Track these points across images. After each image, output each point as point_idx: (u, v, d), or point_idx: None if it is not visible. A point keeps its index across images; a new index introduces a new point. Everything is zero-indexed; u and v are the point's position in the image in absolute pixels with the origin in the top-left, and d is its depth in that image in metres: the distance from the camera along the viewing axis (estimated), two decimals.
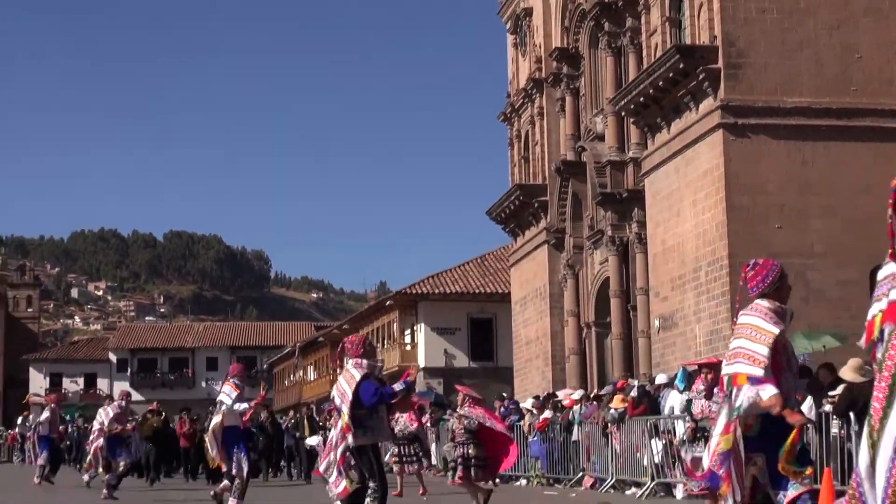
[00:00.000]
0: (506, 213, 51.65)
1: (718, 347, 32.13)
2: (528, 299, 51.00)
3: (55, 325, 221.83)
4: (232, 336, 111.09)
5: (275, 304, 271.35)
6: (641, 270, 39.14)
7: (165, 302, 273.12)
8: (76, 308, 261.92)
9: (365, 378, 11.84)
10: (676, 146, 34.97)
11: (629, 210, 40.31)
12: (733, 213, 32.21)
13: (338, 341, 57.99)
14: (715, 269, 32.63)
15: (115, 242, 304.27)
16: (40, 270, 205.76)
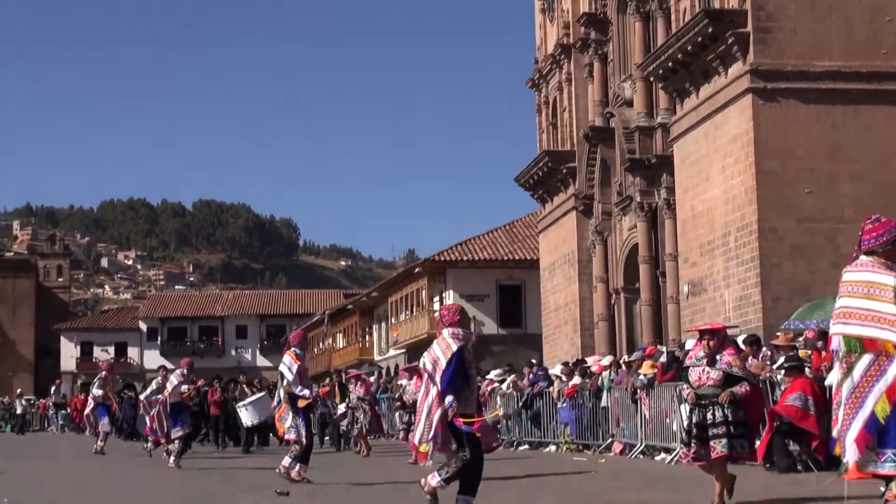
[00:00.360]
0: (534, 179, 51.52)
1: (748, 313, 32.06)
2: (556, 266, 50.93)
3: (85, 295, 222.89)
4: (261, 304, 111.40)
5: (303, 272, 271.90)
6: (670, 236, 39.01)
7: (195, 271, 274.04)
8: (106, 277, 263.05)
9: (461, 350, 11.68)
10: (705, 111, 34.78)
11: (658, 176, 40.16)
12: (763, 177, 32.04)
13: (366, 309, 59.00)
14: (744, 235, 32.49)
15: (145, 211, 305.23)
16: (70, 240, 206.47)
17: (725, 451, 12.11)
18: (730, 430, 12.16)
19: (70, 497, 15.09)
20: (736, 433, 12.24)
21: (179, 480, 18.72)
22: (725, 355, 12.46)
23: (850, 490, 10.93)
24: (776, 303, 31.29)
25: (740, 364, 12.69)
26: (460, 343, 11.72)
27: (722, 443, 12.10)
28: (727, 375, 12.29)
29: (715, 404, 12.18)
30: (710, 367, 12.35)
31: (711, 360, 12.39)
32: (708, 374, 12.29)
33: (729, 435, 12.14)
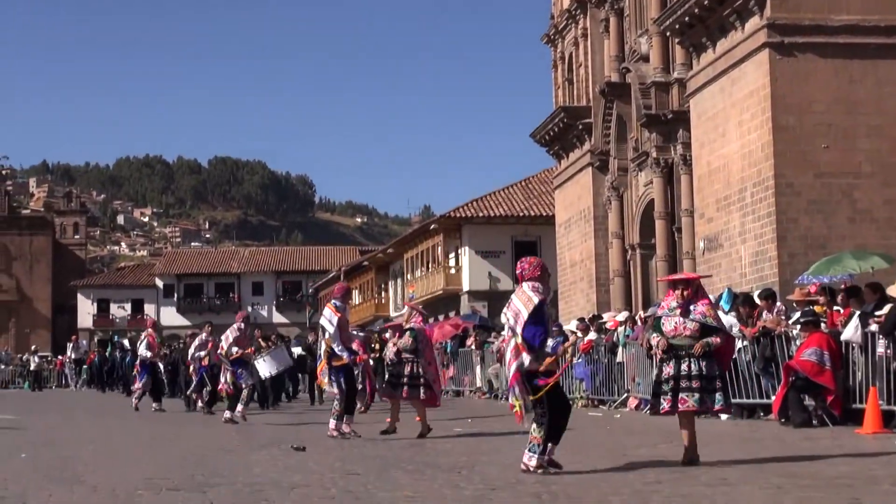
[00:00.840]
0: (550, 135, 51.39)
1: (764, 268, 32.00)
2: (572, 222, 50.87)
3: (102, 252, 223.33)
4: (277, 261, 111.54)
5: (319, 228, 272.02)
6: (686, 192, 38.91)
7: (211, 227, 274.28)
8: (122, 234, 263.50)
9: (542, 304, 11.51)
10: (722, 66, 34.61)
11: (674, 131, 40.03)
12: (779, 133, 31.90)
13: (382, 266, 59.02)
14: (760, 190, 32.39)
15: (161, 168, 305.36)
16: (86, 197, 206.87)
17: (696, 405, 12.03)
18: (702, 385, 12.06)
19: (87, 452, 15.16)
20: (708, 387, 12.12)
21: (196, 436, 18.77)
22: (700, 305, 12.26)
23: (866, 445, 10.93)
24: (792, 258, 31.22)
25: (714, 315, 12.52)
26: (541, 297, 11.56)
27: (694, 397, 11.99)
28: (702, 327, 12.15)
29: (690, 356, 12.05)
30: (684, 317, 12.20)
31: (685, 310, 12.23)
32: (684, 325, 12.15)
33: (701, 389, 12.04)
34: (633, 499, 9.45)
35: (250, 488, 10.54)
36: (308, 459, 13.72)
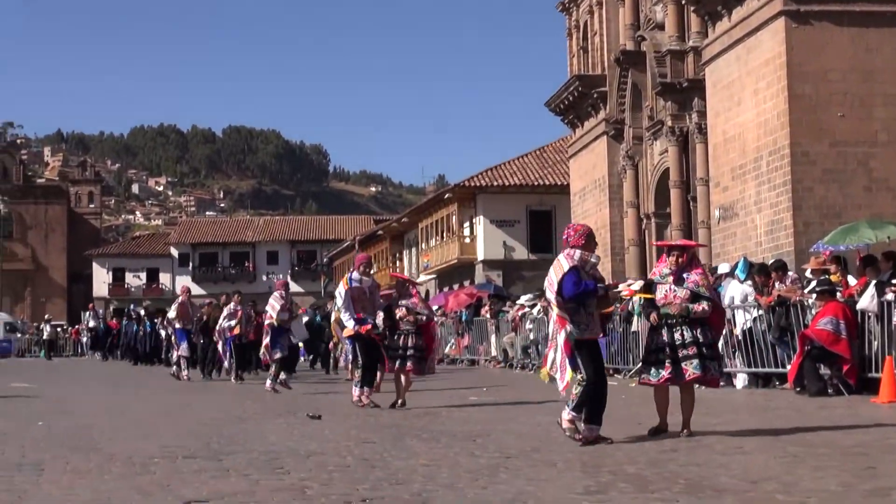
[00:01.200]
0: (564, 104, 51.28)
1: (779, 237, 31.94)
2: (587, 191, 50.81)
3: (117, 221, 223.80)
4: (292, 230, 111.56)
5: (334, 198, 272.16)
6: (702, 161, 38.83)
7: (225, 197, 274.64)
8: (137, 203, 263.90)
9: (572, 270, 11.30)
10: (738, 34, 34.47)
11: (689, 100, 39.92)
12: (795, 101, 31.80)
13: (396, 235, 58.95)
14: (776, 159, 32.31)
15: (175, 138, 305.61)
16: (101, 166, 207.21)
17: (698, 372, 11.72)
18: (702, 352, 11.84)
19: (103, 420, 15.20)
20: (708, 354, 11.92)
21: (212, 405, 18.80)
22: (693, 274, 12.00)
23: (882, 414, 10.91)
24: (808, 227, 31.16)
25: (708, 285, 12.31)
26: (573, 263, 11.32)
27: (693, 364, 11.70)
28: (693, 296, 11.93)
29: (682, 324, 11.86)
30: (677, 285, 11.97)
31: (678, 278, 12.01)
32: (675, 293, 11.92)
33: (701, 356, 11.82)
34: (649, 467, 9.45)
35: (266, 456, 10.57)
36: (324, 428, 13.75)
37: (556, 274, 11.34)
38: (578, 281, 11.26)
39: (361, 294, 17.64)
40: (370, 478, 9.01)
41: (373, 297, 17.92)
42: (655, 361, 11.93)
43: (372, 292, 17.93)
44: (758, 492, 8.03)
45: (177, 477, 9.10)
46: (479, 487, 8.45)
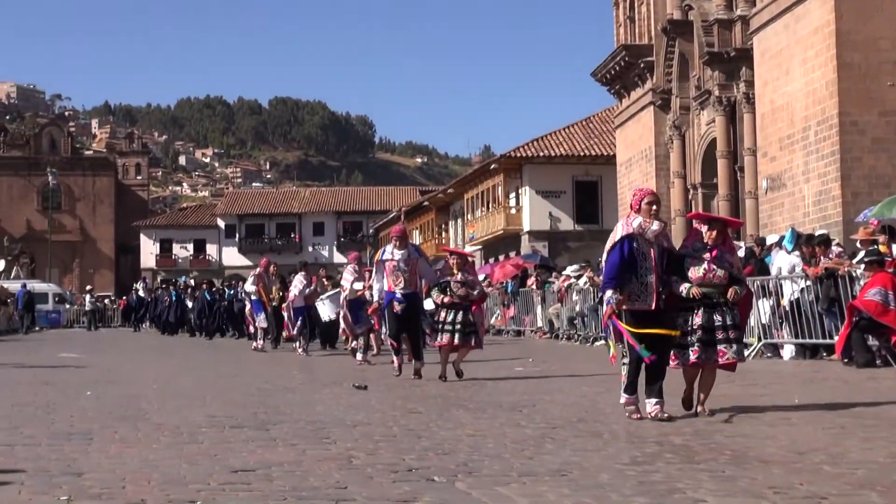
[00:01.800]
0: (611, 74, 51.06)
1: (827, 208, 31.73)
2: (633, 161, 50.62)
3: (164, 193, 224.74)
4: (338, 201, 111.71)
5: (379, 169, 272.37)
6: (749, 131, 38.60)
7: (271, 168, 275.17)
8: (184, 175, 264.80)
9: (624, 239, 10.99)
10: (786, 3, 34.19)
11: (737, 69, 39.67)
12: (844, 70, 31.53)
13: (442, 206, 58.95)
14: (824, 129, 32.06)
15: (221, 109, 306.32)
16: (148, 138, 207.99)
17: (736, 357, 11.21)
18: (737, 335, 11.19)
19: (151, 391, 15.30)
20: (740, 337, 11.52)
21: (259, 375, 18.88)
22: (730, 254, 11.39)
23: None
24: (856, 197, 30.93)
25: (739, 266, 11.89)
26: (629, 231, 11.02)
27: (734, 349, 11.11)
28: (730, 276, 11.41)
29: (723, 304, 11.14)
30: (717, 264, 11.34)
31: (718, 256, 11.41)
32: (714, 272, 11.42)
33: (738, 340, 11.19)
34: (696, 438, 9.43)
35: (313, 426, 10.60)
36: (370, 398, 13.79)
37: (609, 241, 11.19)
38: (622, 254, 10.98)
39: (394, 268, 17.51)
40: (416, 448, 9.04)
41: (414, 268, 17.66)
42: (689, 344, 11.20)
43: (411, 264, 17.63)
44: (805, 463, 7.99)
45: (224, 446, 9.15)
46: (525, 458, 8.45)
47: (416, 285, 17.56)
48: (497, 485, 7.12)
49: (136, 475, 7.54)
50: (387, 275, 17.59)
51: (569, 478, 7.46)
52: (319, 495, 6.72)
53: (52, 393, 14.99)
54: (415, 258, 17.74)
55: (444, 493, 6.85)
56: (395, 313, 17.39)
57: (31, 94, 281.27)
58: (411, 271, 17.56)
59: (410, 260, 17.59)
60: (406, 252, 17.66)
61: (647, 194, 11.29)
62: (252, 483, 7.21)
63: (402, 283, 17.42)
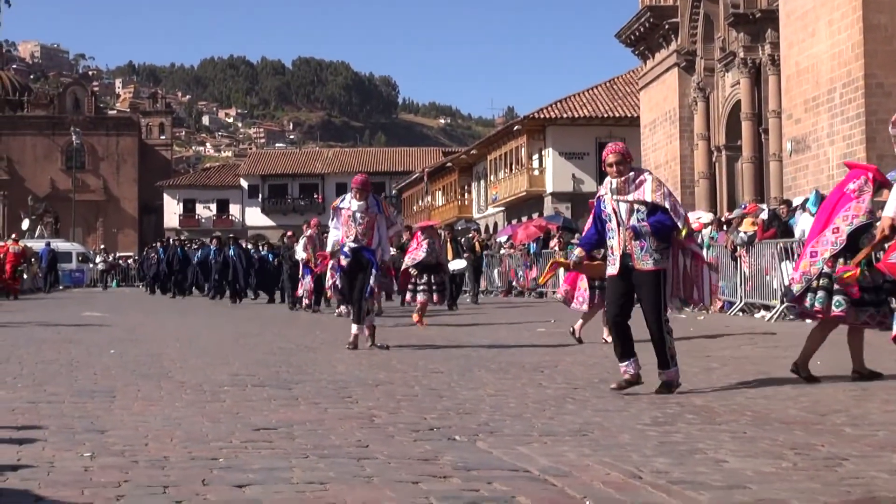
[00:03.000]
0: (635, 35, 50.83)
1: None
2: (657, 123, 50.44)
3: (187, 153, 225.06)
4: (361, 162, 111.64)
5: (403, 129, 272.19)
6: (774, 92, 38.40)
7: (295, 128, 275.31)
8: (207, 135, 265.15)
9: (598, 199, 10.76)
10: None
11: (762, 31, 39.44)
12: (870, 32, 31.29)
13: (465, 167, 59.29)
14: (850, 91, 31.87)
15: (245, 69, 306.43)
16: (172, 98, 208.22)
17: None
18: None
19: (173, 349, 15.37)
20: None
21: (281, 335, 18.94)
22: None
23: None
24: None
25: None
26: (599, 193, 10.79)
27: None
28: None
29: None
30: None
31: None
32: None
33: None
34: (717, 399, 9.45)
35: (334, 385, 10.64)
36: (391, 358, 13.83)
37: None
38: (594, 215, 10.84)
39: (349, 219, 16.01)
40: (438, 407, 9.06)
41: (372, 223, 16.08)
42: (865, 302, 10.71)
43: (368, 218, 16.06)
44: (826, 424, 8.00)
45: (246, 405, 9.20)
46: (546, 418, 8.47)
47: (371, 241, 15.95)
48: (518, 444, 7.15)
49: (159, 433, 7.59)
50: (341, 225, 16.14)
51: (590, 438, 7.48)
52: (341, 454, 6.75)
53: (75, 351, 15.07)
54: (373, 213, 16.07)
55: (466, 452, 6.87)
56: (340, 266, 16.07)
57: (55, 54, 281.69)
58: (367, 225, 16.01)
59: (368, 213, 16.03)
60: (364, 204, 16.03)
61: (609, 153, 10.72)
62: (274, 441, 7.25)
63: (354, 235, 15.91)
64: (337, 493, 5.56)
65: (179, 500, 5.39)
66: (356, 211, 15.92)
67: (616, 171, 10.60)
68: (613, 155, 10.68)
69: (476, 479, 5.98)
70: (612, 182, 10.57)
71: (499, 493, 5.63)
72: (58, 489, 5.64)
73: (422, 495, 5.55)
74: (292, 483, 5.84)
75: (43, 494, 5.51)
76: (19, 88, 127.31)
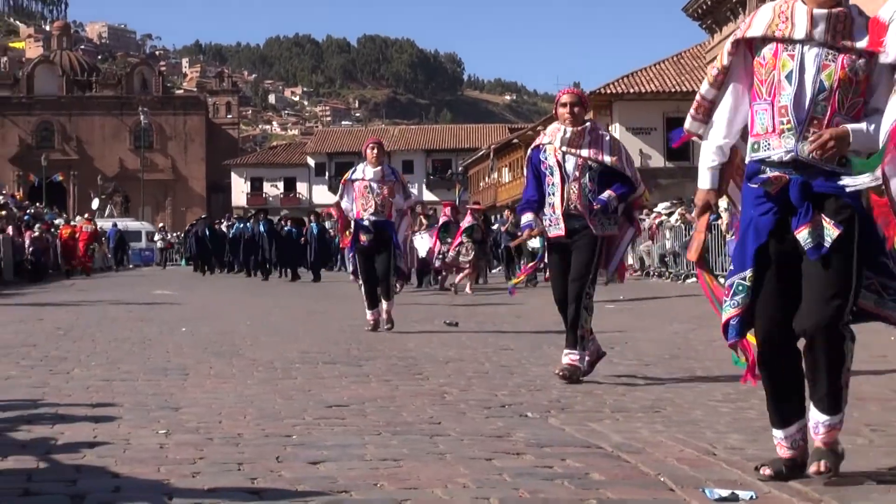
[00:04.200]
0: (703, 9, 50.44)
1: None
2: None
3: (254, 131, 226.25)
4: (426, 139, 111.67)
5: (468, 106, 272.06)
6: None
7: (360, 106, 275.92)
8: (273, 114, 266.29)
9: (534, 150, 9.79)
10: None
11: None
12: None
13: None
14: None
15: (310, 48, 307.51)
16: (238, 77, 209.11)
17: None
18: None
19: (244, 327, 15.45)
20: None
21: (351, 313, 19.01)
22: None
23: None
24: None
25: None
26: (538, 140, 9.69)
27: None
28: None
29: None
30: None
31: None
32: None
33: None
34: None
35: (405, 362, 10.67)
36: (461, 335, 13.84)
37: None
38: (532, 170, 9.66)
39: (365, 190, 14.55)
40: (509, 384, 9.06)
41: (391, 191, 14.69)
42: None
43: (386, 187, 14.64)
44: None
45: (318, 382, 9.23)
46: (618, 394, 8.46)
47: (390, 214, 14.63)
48: (590, 421, 7.13)
49: (232, 410, 7.64)
50: (355, 199, 14.58)
51: (662, 414, 7.46)
52: (413, 430, 6.77)
53: (147, 329, 15.19)
54: (391, 181, 14.74)
55: (538, 428, 6.87)
56: (361, 245, 14.58)
57: (123, 34, 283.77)
58: (386, 195, 14.62)
59: (385, 182, 14.66)
60: (381, 171, 14.62)
61: (565, 93, 9.58)
62: (346, 418, 7.27)
63: (373, 207, 14.47)
64: (410, 470, 5.57)
65: (254, 477, 5.42)
66: (372, 180, 14.49)
67: (571, 116, 9.40)
68: (570, 95, 9.54)
69: (549, 455, 5.97)
70: (565, 130, 9.36)
71: (572, 469, 5.62)
72: (134, 466, 5.69)
73: (495, 472, 5.55)
74: (366, 460, 5.86)
75: (120, 472, 5.56)
76: (88, 69, 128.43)
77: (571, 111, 9.35)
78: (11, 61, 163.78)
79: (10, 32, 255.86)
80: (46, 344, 12.87)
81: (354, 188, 14.53)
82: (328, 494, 5.06)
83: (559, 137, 9.35)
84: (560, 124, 9.43)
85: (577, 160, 9.31)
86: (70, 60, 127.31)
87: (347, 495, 5.06)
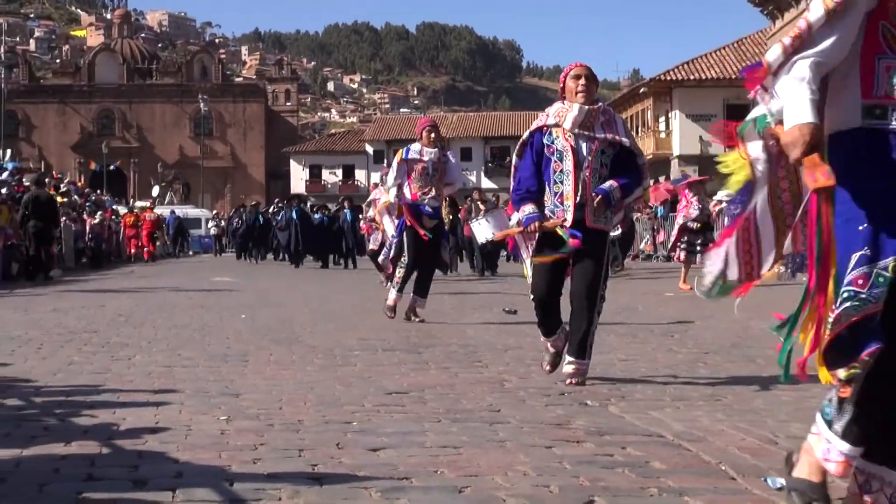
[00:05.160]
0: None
1: None
2: None
3: (313, 118, 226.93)
4: (485, 126, 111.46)
5: (527, 93, 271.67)
6: None
7: (419, 93, 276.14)
8: (332, 101, 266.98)
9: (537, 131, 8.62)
10: None
11: None
12: None
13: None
14: None
15: (369, 35, 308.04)
16: (297, 65, 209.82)
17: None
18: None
19: (303, 314, 15.50)
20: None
21: (408, 299, 19.04)
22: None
23: None
24: None
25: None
26: (542, 122, 8.57)
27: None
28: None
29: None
30: None
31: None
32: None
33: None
34: None
35: (464, 350, 10.66)
36: (520, 322, 13.81)
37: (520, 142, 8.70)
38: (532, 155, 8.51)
39: (423, 171, 13.64)
40: None
41: (442, 175, 13.79)
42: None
43: (440, 169, 13.72)
44: None
45: (377, 369, 9.25)
46: (679, 383, 8.41)
47: (443, 198, 13.99)
48: (650, 409, 7.10)
49: (292, 396, 7.66)
50: (410, 181, 13.58)
51: (723, 403, 7.42)
52: (473, 418, 6.76)
53: (207, 316, 15.27)
54: (445, 161, 13.73)
55: (598, 416, 6.85)
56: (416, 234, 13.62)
57: (183, 23, 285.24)
58: (439, 178, 13.72)
59: (440, 164, 13.68)
60: (438, 152, 13.62)
61: (577, 66, 8.59)
62: (406, 405, 7.28)
63: (433, 192, 13.62)
64: (471, 457, 5.57)
65: (315, 464, 5.44)
66: (430, 160, 13.57)
67: (585, 92, 8.37)
68: (583, 67, 8.50)
69: (609, 443, 5.95)
70: (579, 109, 8.26)
71: (633, 457, 5.60)
72: (196, 452, 5.72)
73: (555, 460, 5.54)
74: (426, 447, 5.86)
75: (181, 457, 5.59)
76: (148, 57, 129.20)
77: (586, 85, 8.35)
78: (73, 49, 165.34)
79: (71, 21, 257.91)
80: (108, 330, 12.96)
81: (414, 169, 13.57)
82: (388, 480, 5.07)
83: (570, 118, 8.26)
84: (569, 101, 8.39)
85: (592, 143, 8.27)
86: (131, 48, 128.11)
87: (408, 482, 5.07)
